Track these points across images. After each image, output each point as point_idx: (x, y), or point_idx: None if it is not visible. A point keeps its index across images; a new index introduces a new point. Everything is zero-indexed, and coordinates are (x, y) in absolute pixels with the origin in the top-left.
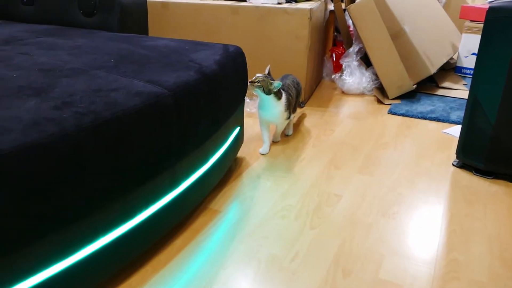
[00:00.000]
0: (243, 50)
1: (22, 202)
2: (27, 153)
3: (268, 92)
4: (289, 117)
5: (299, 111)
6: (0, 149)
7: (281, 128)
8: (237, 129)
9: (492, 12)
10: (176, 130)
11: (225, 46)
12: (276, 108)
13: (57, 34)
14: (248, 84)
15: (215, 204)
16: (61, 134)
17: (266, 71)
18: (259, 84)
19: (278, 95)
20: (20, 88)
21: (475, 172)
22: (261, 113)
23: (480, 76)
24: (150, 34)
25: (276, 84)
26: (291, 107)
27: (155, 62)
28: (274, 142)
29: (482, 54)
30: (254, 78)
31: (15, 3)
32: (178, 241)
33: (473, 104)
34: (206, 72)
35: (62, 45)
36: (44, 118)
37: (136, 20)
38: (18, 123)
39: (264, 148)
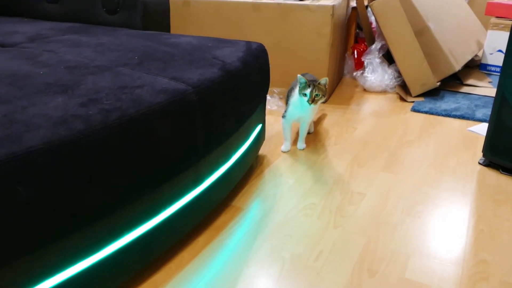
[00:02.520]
0: (265, 47)
1: (49, 198)
2: (56, 150)
3: (324, 94)
4: None
5: (320, 108)
6: (30, 145)
7: (307, 125)
8: (259, 127)
9: None
10: (200, 127)
11: (248, 43)
12: (317, 106)
13: (81, 31)
14: (310, 104)
15: (237, 202)
16: (88, 131)
17: (302, 80)
18: (319, 97)
19: None
20: (47, 85)
21: (502, 170)
22: (295, 111)
23: (509, 73)
24: (171, 31)
25: (323, 81)
26: None
27: (178, 59)
28: (296, 137)
29: (510, 51)
30: (309, 94)
31: (40, 1)
32: (201, 239)
33: (500, 101)
34: (230, 69)
35: (87, 42)
36: (71, 115)
37: (158, 18)
38: (46, 120)
39: (286, 145)
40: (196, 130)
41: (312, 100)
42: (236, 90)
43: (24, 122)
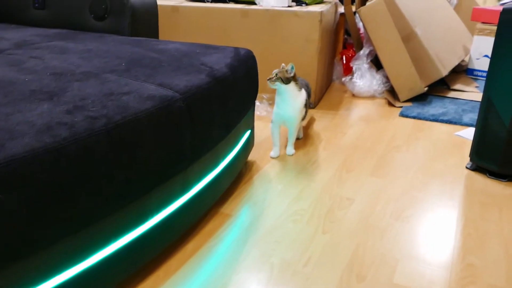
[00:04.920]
0: (253, 53)
1: (34, 207)
2: (40, 158)
3: (287, 81)
4: (303, 117)
5: (308, 114)
6: (14, 153)
7: (295, 129)
8: (248, 133)
9: (506, 14)
10: (188, 133)
11: (236, 49)
12: (297, 99)
13: (69, 38)
14: (268, 82)
15: (226, 208)
16: (74, 138)
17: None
18: (277, 76)
19: (298, 85)
20: (32, 92)
21: (489, 174)
22: (279, 111)
23: (494, 78)
24: (160, 38)
25: (290, 67)
26: (306, 107)
27: (166, 65)
28: (285, 143)
29: (496, 56)
30: (275, 74)
31: (26, 7)
32: (189, 246)
33: (486, 106)
34: (218, 75)
35: (74, 49)
36: (56, 122)
37: (146, 24)
38: (30, 127)
39: (275, 151)
40: (184, 137)
41: (270, 78)
42: (224, 96)
43: (8, 129)
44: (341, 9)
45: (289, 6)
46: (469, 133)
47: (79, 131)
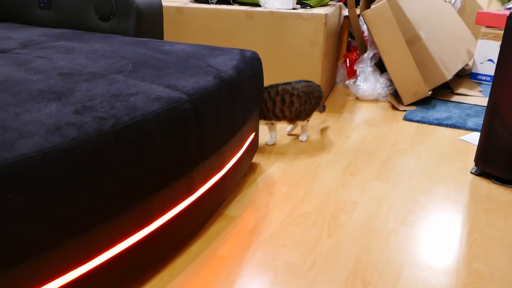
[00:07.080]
0: (259, 56)
1: (41, 207)
2: (49, 157)
3: None
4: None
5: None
6: (23, 153)
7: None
8: (253, 135)
9: None
10: (194, 135)
11: (242, 51)
12: None
13: (74, 38)
14: None
15: (230, 210)
16: (82, 138)
17: None
18: None
19: None
20: (40, 92)
21: (495, 180)
22: None
23: (500, 83)
24: (164, 39)
25: None
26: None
27: (172, 67)
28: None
29: (502, 60)
30: None
31: (32, 7)
32: (193, 248)
33: (492, 111)
34: (224, 77)
35: (80, 49)
36: (65, 123)
37: (152, 25)
38: (39, 127)
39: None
40: (190, 139)
41: None
42: (231, 98)
43: (17, 129)
44: (345, 12)
45: (293, 9)
46: (473, 137)
47: (88, 131)
